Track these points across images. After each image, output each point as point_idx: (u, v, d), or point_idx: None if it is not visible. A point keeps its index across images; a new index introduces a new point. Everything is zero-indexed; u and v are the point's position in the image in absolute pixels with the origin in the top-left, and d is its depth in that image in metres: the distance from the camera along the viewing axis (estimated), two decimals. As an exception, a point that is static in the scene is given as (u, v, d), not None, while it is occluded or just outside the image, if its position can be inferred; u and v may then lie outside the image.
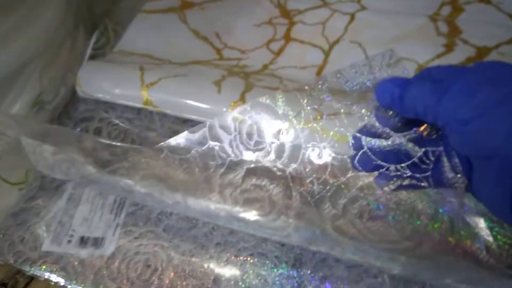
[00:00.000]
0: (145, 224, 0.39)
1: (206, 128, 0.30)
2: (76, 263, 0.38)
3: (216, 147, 0.30)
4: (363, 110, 0.26)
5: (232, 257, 0.37)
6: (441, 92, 0.23)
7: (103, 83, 0.46)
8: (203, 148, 0.31)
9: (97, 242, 0.39)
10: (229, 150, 0.30)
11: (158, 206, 0.38)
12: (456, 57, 0.48)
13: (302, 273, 0.35)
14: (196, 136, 0.30)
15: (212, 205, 0.33)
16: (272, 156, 0.29)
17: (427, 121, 0.24)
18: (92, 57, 0.50)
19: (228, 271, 0.36)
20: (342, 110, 0.27)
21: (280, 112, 0.29)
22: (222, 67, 0.49)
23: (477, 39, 0.49)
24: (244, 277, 0.36)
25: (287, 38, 0.53)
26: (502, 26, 0.50)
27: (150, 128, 0.46)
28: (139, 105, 0.45)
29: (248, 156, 0.30)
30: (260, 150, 0.29)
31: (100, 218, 0.40)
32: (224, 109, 0.43)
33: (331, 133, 0.27)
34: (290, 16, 0.55)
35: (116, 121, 0.46)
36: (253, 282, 0.35)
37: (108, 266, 0.38)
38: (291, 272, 0.35)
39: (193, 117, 0.45)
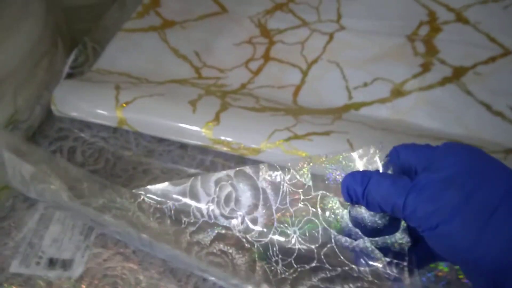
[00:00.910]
0: (115, 246, 0.39)
1: (188, 185, 0.30)
2: (43, 285, 0.37)
3: (193, 205, 0.30)
4: (337, 204, 0.26)
5: (201, 280, 0.36)
6: (404, 193, 0.22)
7: (78, 102, 0.46)
8: (180, 202, 0.30)
9: (66, 264, 0.38)
10: (204, 211, 0.30)
11: (127, 241, 0.38)
12: (433, 77, 0.48)
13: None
14: (177, 189, 0.30)
15: (179, 254, 0.33)
16: (244, 227, 0.29)
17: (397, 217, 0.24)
18: (71, 75, 0.50)
19: (197, 295, 0.35)
20: (319, 198, 0.27)
21: (260, 186, 0.28)
22: (200, 86, 0.49)
23: (454, 59, 0.50)
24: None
25: (267, 57, 0.53)
26: (479, 46, 0.51)
27: (126, 147, 0.46)
28: (113, 124, 0.45)
29: (221, 221, 0.30)
30: (234, 218, 0.29)
31: (70, 239, 0.40)
32: (199, 129, 0.43)
33: (304, 219, 0.27)
34: (270, 36, 0.55)
35: (91, 140, 0.46)
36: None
37: (76, 289, 0.37)
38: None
39: (168, 136, 0.45)
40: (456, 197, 0.21)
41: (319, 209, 0.26)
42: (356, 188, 0.24)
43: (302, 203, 0.27)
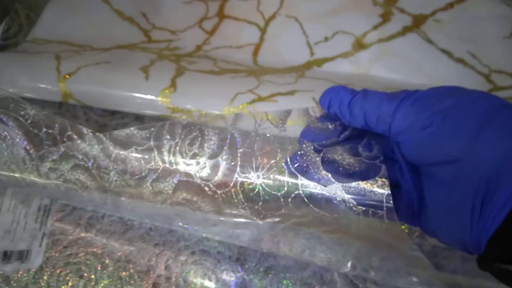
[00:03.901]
0: (75, 231, 0.36)
1: (155, 130, 0.28)
2: None
3: (155, 150, 0.28)
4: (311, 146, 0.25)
5: (173, 257, 0.34)
6: (397, 100, 0.22)
7: (15, 77, 0.41)
8: (143, 147, 0.28)
9: (23, 256, 0.35)
10: (165, 157, 0.27)
11: (89, 205, 0.35)
12: (393, 27, 0.47)
13: (246, 266, 0.34)
14: (142, 133, 0.28)
15: (148, 205, 0.30)
16: (205, 173, 0.26)
17: (375, 131, 0.23)
18: (3, 48, 0.45)
19: (169, 273, 0.34)
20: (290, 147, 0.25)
21: (229, 131, 0.26)
22: (151, 51, 0.45)
23: (413, 7, 0.48)
24: (187, 277, 0.34)
25: (221, 15, 0.49)
26: (437, -8, 0.50)
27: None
28: (58, 99, 0.40)
29: (182, 167, 0.27)
30: (195, 163, 0.27)
31: (24, 229, 0.36)
32: (154, 97, 0.40)
33: (270, 162, 0.25)
34: (222, -9, 0.51)
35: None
36: (196, 281, 0.33)
37: (36, 281, 0.34)
38: (235, 267, 0.34)
39: (121, 108, 0.41)
40: (451, 104, 0.21)
41: (288, 150, 0.25)
42: (344, 96, 0.24)
43: (270, 148, 0.25)
